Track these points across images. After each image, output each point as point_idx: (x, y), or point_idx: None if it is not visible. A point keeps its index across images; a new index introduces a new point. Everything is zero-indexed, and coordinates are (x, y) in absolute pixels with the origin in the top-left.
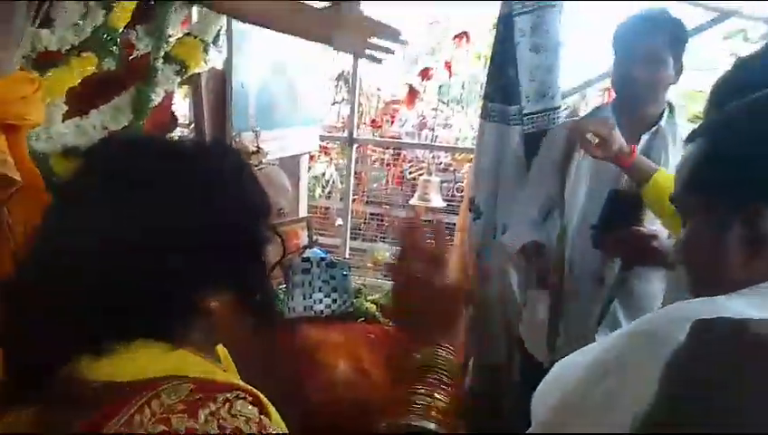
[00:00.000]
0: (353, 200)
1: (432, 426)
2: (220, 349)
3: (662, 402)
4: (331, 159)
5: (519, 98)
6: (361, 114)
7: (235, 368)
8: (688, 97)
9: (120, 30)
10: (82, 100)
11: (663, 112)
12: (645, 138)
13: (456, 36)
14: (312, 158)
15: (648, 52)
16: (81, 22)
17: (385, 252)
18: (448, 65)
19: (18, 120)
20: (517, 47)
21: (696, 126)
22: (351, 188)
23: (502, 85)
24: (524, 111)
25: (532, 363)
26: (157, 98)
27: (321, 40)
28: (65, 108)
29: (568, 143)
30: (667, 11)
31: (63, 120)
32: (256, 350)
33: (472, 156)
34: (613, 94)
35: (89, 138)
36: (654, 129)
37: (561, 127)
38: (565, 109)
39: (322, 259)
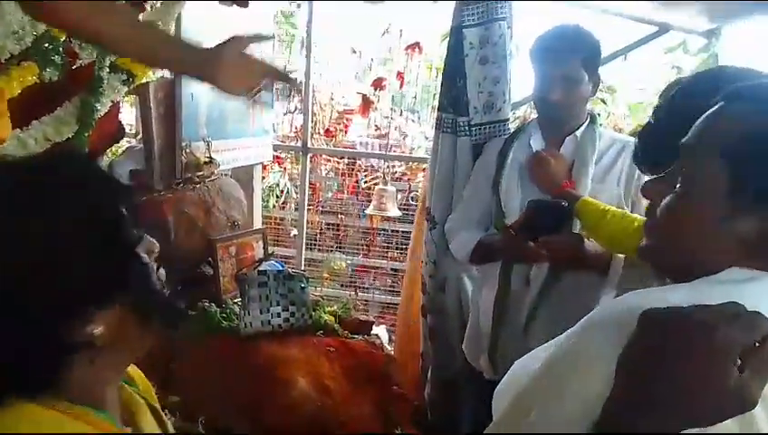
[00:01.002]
0: (308, 210)
1: None
2: (133, 370)
3: (619, 391)
4: (285, 169)
5: (467, 109)
6: (315, 124)
7: (151, 389)
8: (632, 109)
9: (63, 38)
10: (23, 111)
11: (583, 123)
12: (566, 145)
13: (408, 47)
14: (264, 168)
15: (564, 75)
16: (21, 30)
17: (341, 262)
18: (401, 75)
19: None
20: (466, 59)
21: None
22: (306, 198)
23: (453, 96)
24: (472, 123)
25: (475, 374)
26: (102, 108)
27: (204, 79)
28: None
29: (499, 157)
30: (578, 28)
31: None
32: (212, 371)
33: (425, 165)
34: None
35: (30, 150)
36: (573, 135)
37: (494, 141)
38: (515, 120)
39: (279, 272)
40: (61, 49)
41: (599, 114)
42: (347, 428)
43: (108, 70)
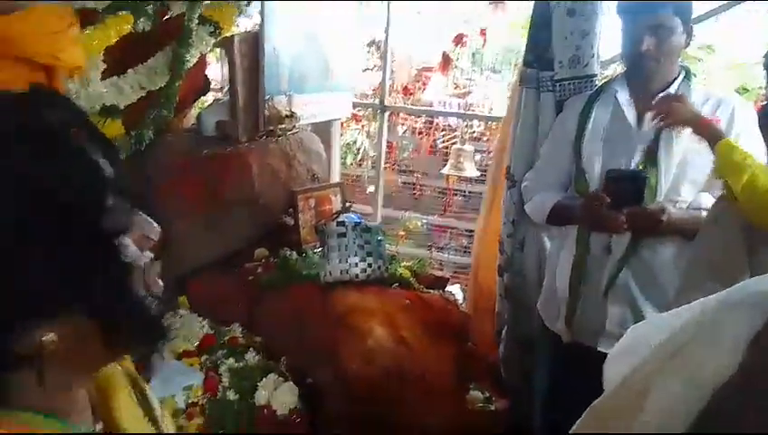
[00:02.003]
0: (384, 169)
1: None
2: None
3: (743, 371)
4: (363, 126)
5: (552, 64)
6: (393, 82)
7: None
8: (733, 68)
9: None
10: (119, 59)
11: (676, 78)
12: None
13: (491, 1)
14: (342, 125)
15: (656, 23)
16: None
17: (417, 221)
18: (483, 33)
19: (50, 59)
20: (553, 11)
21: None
22: (383, 156)
23: (538, 50)
24: (556, 78)
25: (551, 335)
26: (192, 59)
27: None
28: (103, 66)
29: (581, 116)
30: None
31: (102, 79)
32: (292, 316)
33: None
34: None
35: (125, 97)
36: (666, 92)
37: (576, 99)
38: (603, 78)
39: (357, 224)
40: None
41: (694, 75)
42: (422, 379)
43: (197, 22)
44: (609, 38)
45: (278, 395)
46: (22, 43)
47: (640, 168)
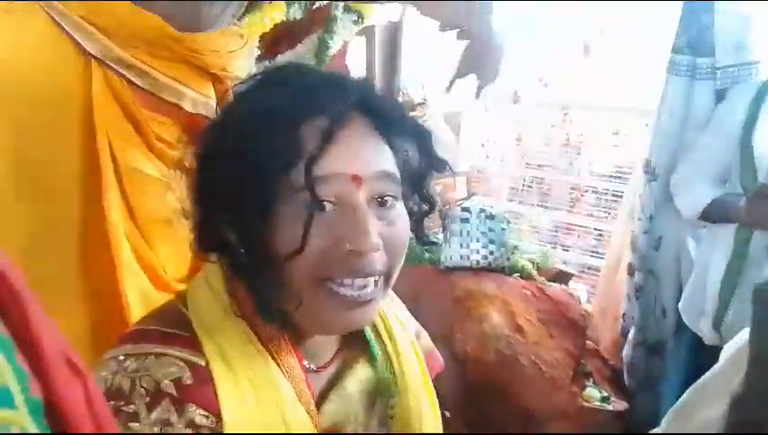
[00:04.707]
0: (512, 161)
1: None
2: None
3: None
4: (493, 117)
5: (712, 49)
6: (527, 72)
7: None
8: None
9: None
10: (270, 46)
11: None
12: None
13: None
14: (473, 115)
15: None
16: None
17: (544, 217)
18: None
19: (219, 70)
20: None
21: None
22: (512, 148)
23: (694, 34)
24: (717, 65)
25: (689, 337)
26: (335, 46)
27: None
28: (257, 53)
29: (753, 105)
30: None
31: (256, 64)
32: (411, 298)
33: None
34: None
35: None
36: None
37: (742, 87)
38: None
39: (482, 211)
40: None
41: None
42: (535, 367)
43: (342, 10)
44: None
45: None
46: (203, 57)
47: None
